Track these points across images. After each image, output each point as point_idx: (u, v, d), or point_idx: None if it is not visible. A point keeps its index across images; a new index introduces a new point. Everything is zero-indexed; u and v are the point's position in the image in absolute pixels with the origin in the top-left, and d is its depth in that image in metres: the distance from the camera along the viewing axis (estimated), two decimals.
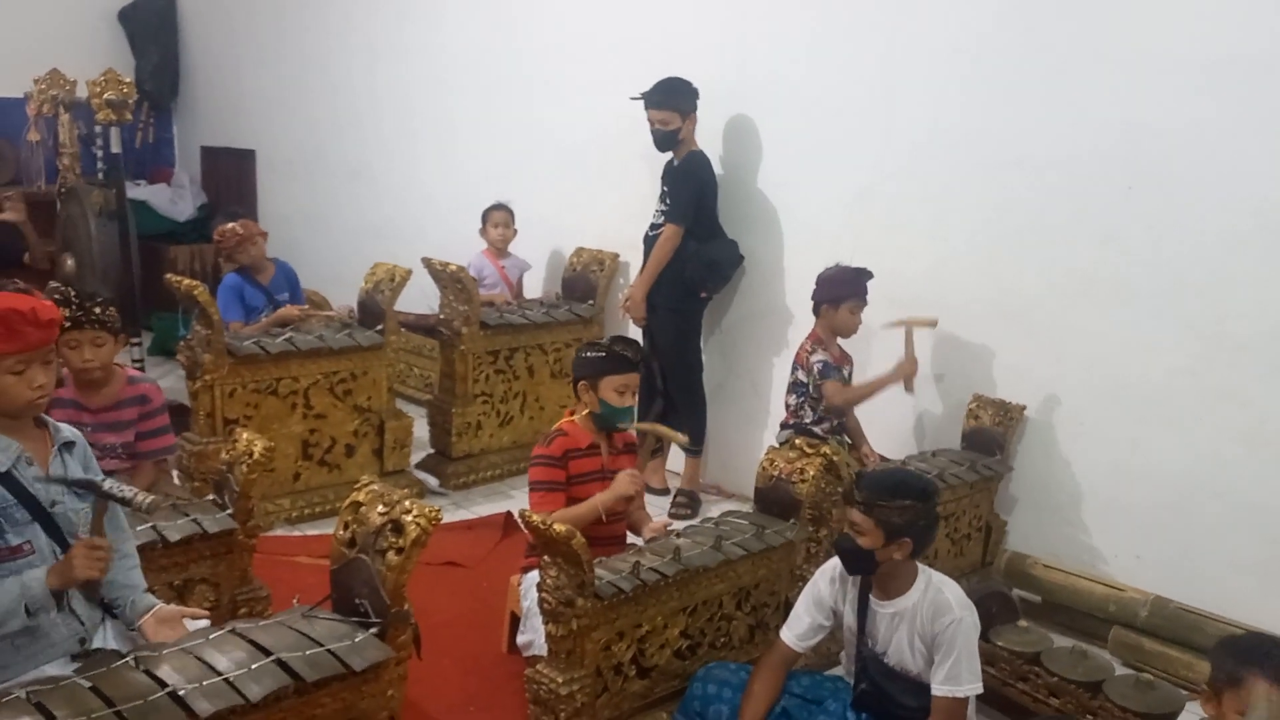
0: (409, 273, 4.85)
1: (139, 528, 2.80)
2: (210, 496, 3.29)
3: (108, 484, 2.22)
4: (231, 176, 8.25)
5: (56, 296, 3.23)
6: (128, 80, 5.07)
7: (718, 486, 5.11)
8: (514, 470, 5.24)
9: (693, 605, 3.05)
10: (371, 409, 4.80)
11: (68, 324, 3.15)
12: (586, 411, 3.32)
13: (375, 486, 2.41)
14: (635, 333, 4.96)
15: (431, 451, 5.22)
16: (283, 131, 7.70)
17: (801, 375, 4.08)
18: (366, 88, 6.92)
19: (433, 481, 5.08)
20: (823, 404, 4.03)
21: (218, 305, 4.39)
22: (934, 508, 2.74)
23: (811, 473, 3.24)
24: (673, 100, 4.65)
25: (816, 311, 4.10)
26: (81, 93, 5.83)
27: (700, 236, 4.65)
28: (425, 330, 6.10)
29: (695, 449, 4.86)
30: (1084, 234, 3.84)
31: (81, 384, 3.32)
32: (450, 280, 4.94)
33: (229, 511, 3.20)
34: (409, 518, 2.26)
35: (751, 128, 4.81)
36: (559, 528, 2.67)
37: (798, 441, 3.36)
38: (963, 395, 4.12)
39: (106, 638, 2.34)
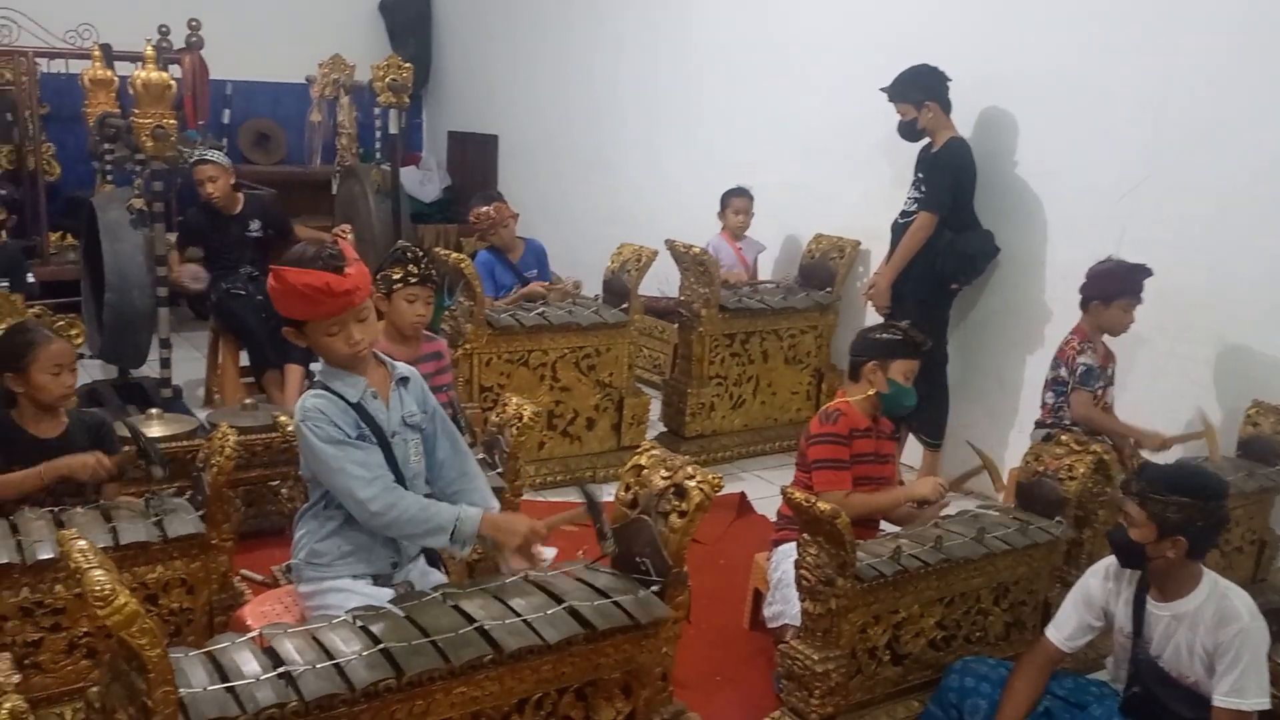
0: (654, 254, 4.97)
1: None
2: (480, 456, 3.50)
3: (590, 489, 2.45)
4: (475, 161, 8.66)
5: (409, 255, 3.50)
6: (407, 65, 5.41)
7: (972, 485, 4.98)
8: (744, 453, 5.30)
9: (950, 596, 3.01)
10: (613, 385, 4.96)
11: (413, 280, 3.42)
12: (873, 392, 3.30)
13: (656, 451, 2.49)
14: (874, 321, 4.90)
15: (664, 430, 5.33)
16: (526, 118, 8.02)
17: (1064, 373, 3.92)
18: (610, 77, 7.12)
19: None
20: None
21: None
22: (1218, 509, 2.56)
23: (1081, 470, 3.13)
24: (904, 92, 4.61)
25: (1084, 307, 3.93)
26: (359, 77, 6.25)
27: (955, 226, 4.55)
28: (656, 312, 6.24)
29: (935, 443, 4.77)
30: None
31: (398, 337, 3.53)
32: (692, 263, 5.02)
33: (498, 470, 3.40)
34: (692, 483, 2.34)
35: (1010, 115, 4.66)
36: (823, 506, 2.68)
37: (1065, 438, 3.25)
38: (1240, 400, 3.86)
39: (413, 573, 2.53)
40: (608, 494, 4.65)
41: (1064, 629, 2.77)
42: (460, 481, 2.61)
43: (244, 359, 5.40)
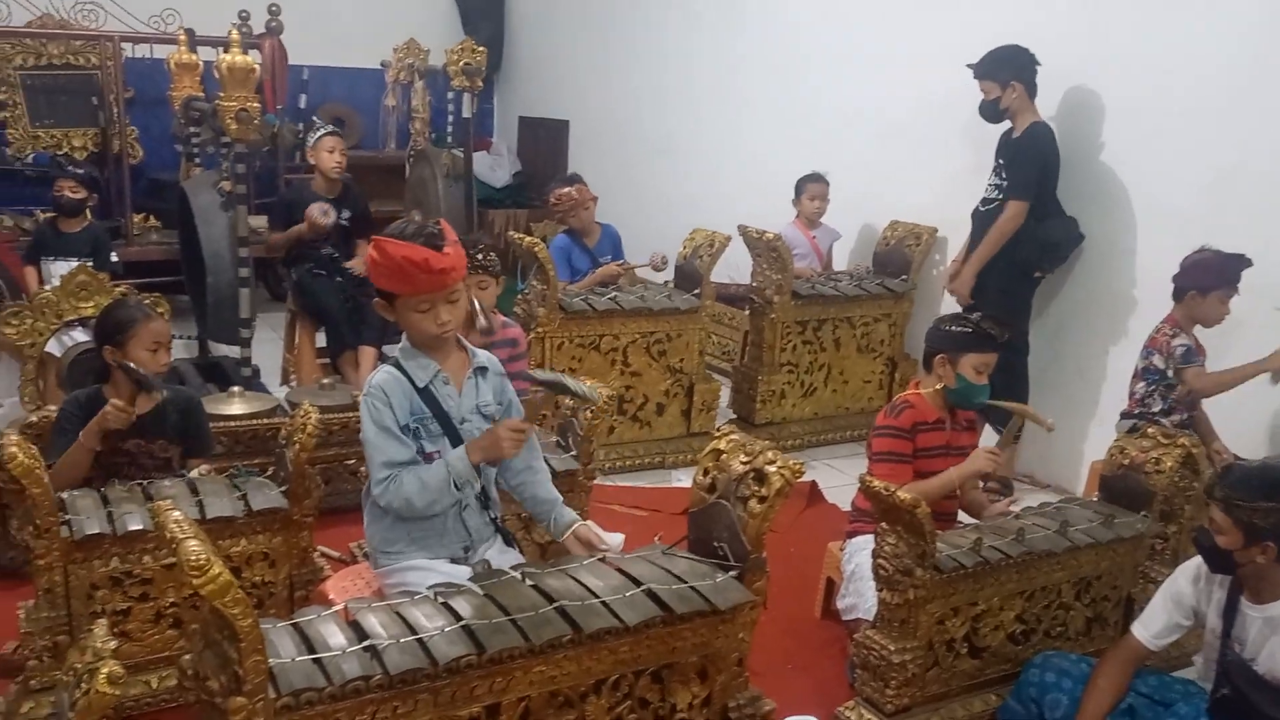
0: (728, 239, 4.94)
1: None
2: (554, 439, 3.51)
3: (570, 381, 2.49)
4: (546, 146, 8.68)
5: None
6: (481, 49, 5.42)
7: (1031, 476, 4.90)
8: (814, 441, 5.25)
9: (1031, 590, 2.95)
10: (683, 371, 4.94)
11: None
12: (940, 386, 3.24)
13: (736, 435, 2.47)
14: (951, 310, 4.81)
15: (733, 417, 5.31)
16: (597, 103, 8.02)
17: (1158, 361, 3.82)
18: (683, 62, 7.08)
19: None
20: (1174, 394, 3.77)
21: None
22: None
23: (1168, 464, 3.04)
24: (991, 70, 4.51)
25: (1178, 297, 3.82)
26: (433, 62, 6.27)
27: (1038, 214, 4.44)
28: (726, 299, 6.20)
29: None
30: None
31: (464, 326, 3.55)
32: (765, 248, 4.98)
33: (572, 453, 3.41)
34: (773, 468, 2.31)
35: (1096, 98, 4.55)
36: (903, 495, 2.65)
37: (1151, 430, 3.16)
38: None
39: (490, 552, 2.55)
40: (679, 480, 4.71)
41: (1151, 627, 2.70)
42: (525, 474, 2.64)
43: (320, 340, 5.49)
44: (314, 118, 5.57)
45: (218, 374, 5.16)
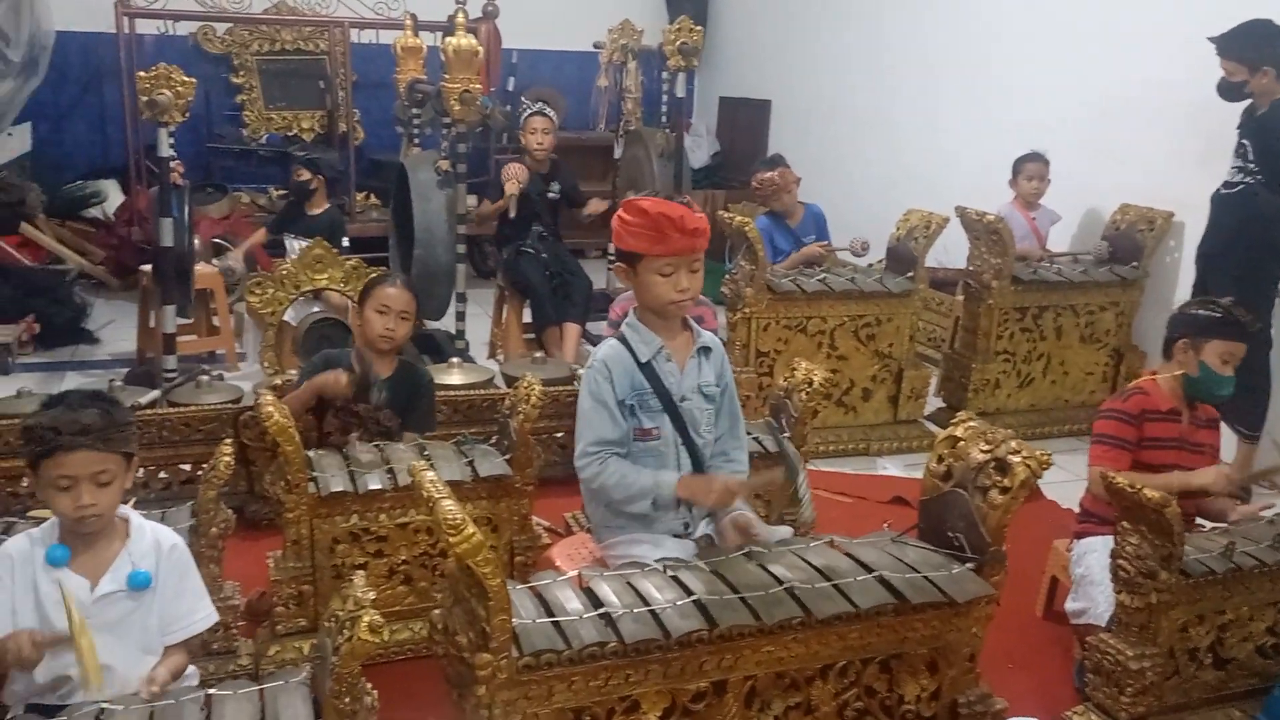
0: (945, 220, 4.77)
1: None
2: (766, 418, 3.48)
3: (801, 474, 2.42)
4: (746, 126, 8.62)
5: None
6: (698, 29, 5.43)
7: (1271, 480, 4.51)
8: (1030, 434, 4.97)
9: None
10: (892, 356, 4.82)
11: None
12: (1180, 372, 3.04)
13: (974, 423, 2.37)
14: (1183, 297, 4.48)
15: (941, 406, 5.14)
16: (800, 82, 7.89)
17: None
18: (891, 35, 6.87)
19: None
20: None
21: None
22: None
23: None
24: (1238, 49, 4.14)
25: None
26: (647, 41, 6.31)
27: None
28: (934, 283, 5.99)
29: (1253, 435, 4.33)
30: None
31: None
32: (985, 231, 4.79)
33: (785, 435, 3.37)
34: (1017, 459, 2.21)
35: None
36: (1151, 493, 2.48)
37: None
38: None
39: (711, 529, 2.56)
40: (884, 467, 4.60)
41: None
42: (718, 459, 2.60)
43: (526, 315, 5.64)
44: (522, 98, 5.68)
45: (430, 346, 5.38)
